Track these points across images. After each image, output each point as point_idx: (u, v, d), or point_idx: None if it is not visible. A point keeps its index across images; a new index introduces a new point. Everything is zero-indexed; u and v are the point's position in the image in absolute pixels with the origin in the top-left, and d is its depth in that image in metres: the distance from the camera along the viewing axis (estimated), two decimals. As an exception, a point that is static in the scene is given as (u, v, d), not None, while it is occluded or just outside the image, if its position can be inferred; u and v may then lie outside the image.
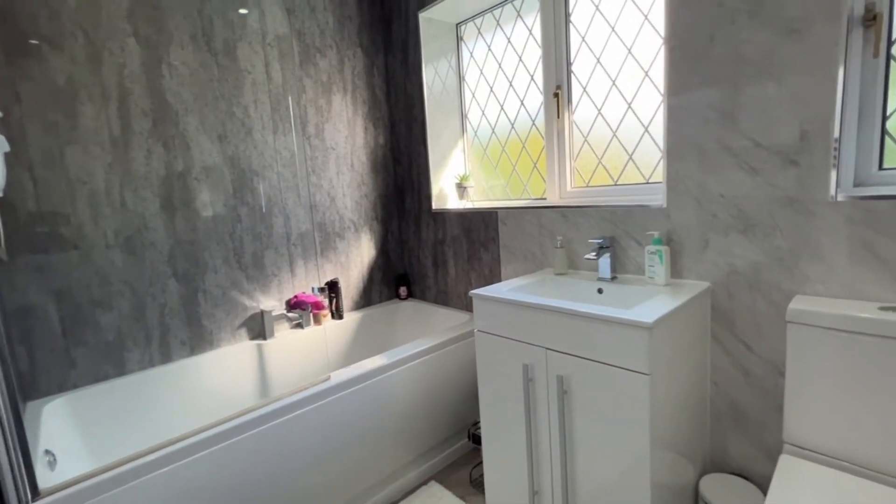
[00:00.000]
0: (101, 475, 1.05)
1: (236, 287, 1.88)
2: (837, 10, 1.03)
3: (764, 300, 1.21)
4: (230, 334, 1.88)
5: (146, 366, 1.67)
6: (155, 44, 1.63)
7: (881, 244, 1.02)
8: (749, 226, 1.22)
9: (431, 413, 1.76)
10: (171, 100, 1.68)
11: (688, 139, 1.30)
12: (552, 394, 1.24)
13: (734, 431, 1.32)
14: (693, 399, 1.27)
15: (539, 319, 1.25)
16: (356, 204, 2.29)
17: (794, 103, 1.10)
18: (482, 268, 2.03)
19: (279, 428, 1.35)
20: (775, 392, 1.22)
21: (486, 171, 2.21)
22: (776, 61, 1.12)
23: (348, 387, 1.51)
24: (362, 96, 2.28)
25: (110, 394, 1.56)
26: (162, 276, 1.68)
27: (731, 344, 1.29)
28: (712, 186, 1.27)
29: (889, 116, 1.10)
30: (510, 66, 2.00)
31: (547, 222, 1.73)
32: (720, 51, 1.20)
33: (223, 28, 1.79)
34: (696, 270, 1.34)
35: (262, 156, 1.93)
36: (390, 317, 2.37)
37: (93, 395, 1.53)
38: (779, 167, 1.15)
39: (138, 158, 1.61)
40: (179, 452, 1.16)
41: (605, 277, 1.48)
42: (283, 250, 2.02)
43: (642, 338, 1.03)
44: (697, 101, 1.26)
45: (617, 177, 1.68)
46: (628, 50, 1.58)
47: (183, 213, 1.72)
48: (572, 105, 1.77)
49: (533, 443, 1.33)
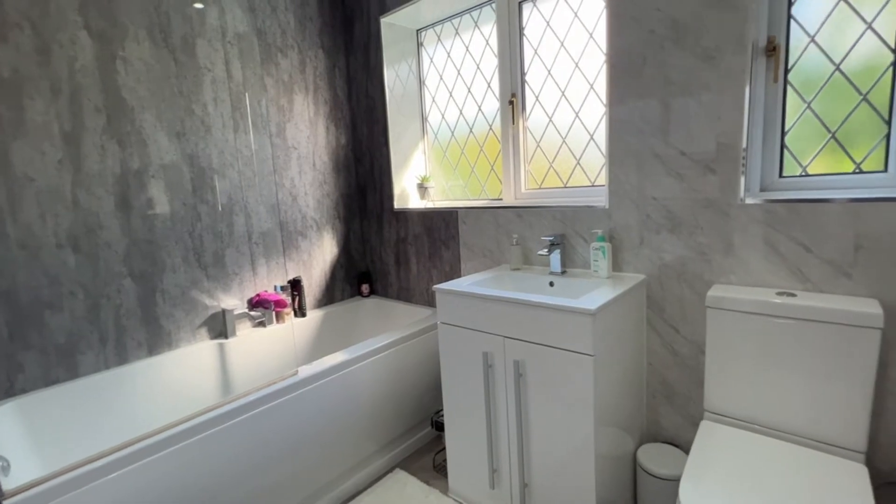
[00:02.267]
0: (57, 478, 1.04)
1: (196, 286, 1.86)
2: (744, 42, 1.21)
3: (689, 289, 1.39)
4: (190, 334, 1.85)
5: (101, 368, 1.62)
6: (109, 38, 1.59)
7: (779, 241, 1.22)
8: (676, 225, 1.39)
9: (396, 404, 1.84)
10: (127, 96, 1.64)
11: (626, 147, 1.46)
12: (509, 378, 1.36)
13: (665, 405, 1.50)
14: (632, 378, 1.43)
15: (497, 310, 1.36)
16: (318, 203, 2.31)
17: (710, 119, 1.28)
18: (443, 265, 2.13)
19: (246, 424, 1.37)
20: (698, 369, 1.41)
21: (446, 172, 2.31)
22: (696, 82, 1.29)
23: (316, 380, 1.55)
24: (324, 97, 2.31)
25: (62, 398, 1.51)
26: (117, 276, 1.64)
27: (663, 328, 1.47)
28: (647, 190, 1.44)
29: (787, 132, 1.31)
30: (469, 72, 2.11)
31: (504, 221, 1.85)
32: (651, 71, 1.37)
33: (181, 24, 1.77)
34: (634, 264, 1.50)
35: (223, 154, 1.92)
36: (353, 314, 2.41)
37: (44, 400, 1.48)
38: (700, 173, 1.33)
39: (91, 155, 1.57)
40: (140, 452, 1.15)
41: (556, 272, 1.62)
42: (244, 249, 2.01)
43: (587, 323, 1.17)
44: (634, 113, 1.42)
45: (566, 179, 1.83)
46: (576, 64, 1.73)
47: (139, 212, 1.69)
48: (526, 112, 1.90)
49: (492, 425, 1.44)
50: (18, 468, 1.25)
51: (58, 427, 1.49)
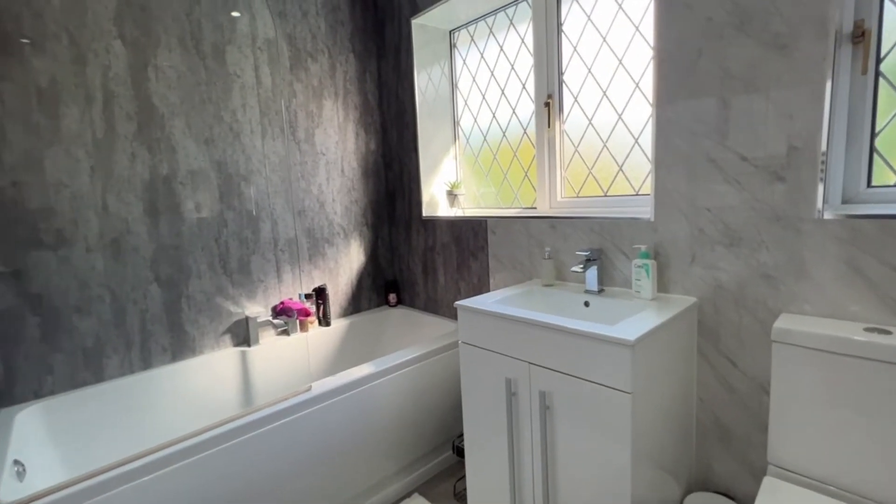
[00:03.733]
0: (69, 488, 1.02)
1: (221, 293, 1.85)
2: (825, 27, 1.02)
3: (749, 316, 1.20)
4: (214, 341, 1.85)
5: (126, 372, 1.64)
6: (142, 46, 1.61)
7: (868, 264, 1.01)
8: (735, 241, 1.20)
9: (416, 424, 1.74)
10: (157, 103, 1.66)
11: (676, 151, 1.28)
12: (535, 409, 1.22)
13: (719, 449, 1.30)
14: (678, 415, 1.25)
15: (523, 333, 1.23)
16: (346, 209, 2.27)
17: (781, 118, 1.09)
18: (471, 277, 2.01)
19: (258, 439, 1.32)
20: (760, 411, 1.20)
21: (478, 179, 2.19)
22: (763, 76, 1.11)
23: (330, 397, 1.48)
24: (354, 101, 2.27)
25: (87, 401, 1.53)
26: (144, 282, 1.66)
27: (717, 360, 1.27)
28: (699, 200, 1.26)
29: (878, 133, 1.09)
30: (502, 73, 1.99)
31: (536, 232, 1.71)
32: (707, 64, 1.19)
33: (212, 31, 1.78)
34: (683, 285, 1.32)
35: (250, 160, 1.91)
36: (378, 324, 2.34)
37: (69, 403, 1.50)
38: (765, 182, 1.13)
39: (122, 162, 1.59)
40: (153, 465, 1.13)
41: (592, 290, 1.46)
42: (269, 256, 1.99)
43: (624, 355, 1.01)
44: (685, 113, 1.25)
45: (607, 188, 1.66)
46: (619, 61, 1.57)
47: (167, 218, 1.70)
48: (563, 114, 1.75)
49: (515, 457, 1.31)
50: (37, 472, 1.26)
51: (81, 430, 1.50)
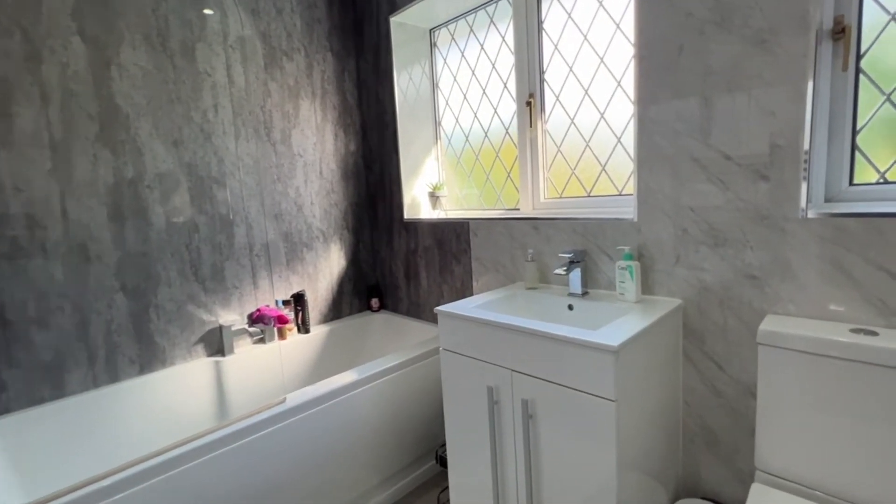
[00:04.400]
0: None
1: (193, 301, 1.77)
2: (806, 22, 1.00)
3: (735, 318, 1.17)
4: (185, 351, 1.77)
5: (89, 387, 1.55)
6: (103, 43, 1.53)
7: (853, 264, 0.99)
8: (720, 241, 1.18)
9: (398, 434, 1.68)
10: (122, 102, 1.58)
11: (658, 151, 1.26)
12: (517, 418, 1.18)
13: (707, 454, 1.27)
14: (664, 420, 1.22)
15: (504, 339, 1.18)
16: (325, 213, 2.20)
17: (763, 115, 1.07)
18: (454, 280, 1.96)
19: (231, 454, 1.25)
20: (747, 414, 1.17)
21: (460, 180, 2.15)
22: (745, 73, 1.08)
23: (306, 409, 1.41)
24: (332, 102, 2.20)
25: (47, 418, 1.44)
26: (109, 291, 1.57)
27: (702, 363, 1.24)
28: (683, 200, 1.23)
29: (859, 131, 1.07)
30: (483, 73, 1.95)
31: (518, 234, 1.67)
32: (689, 61, 1.17)
33: (180, 28, 1.70)
34: (668, 286, 1.29)
35: (223, 162, 1.83)
36: (360, 330, 2.28)
37: (27, 420, 1.41)
38: (749, 181, 1.11)
39: (83, 165, 1.51)
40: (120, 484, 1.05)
41: (575, 293, 1.43)
42: (245, 261, 1.92)
43: (608, 362, 0.97)
44: (667, 111, 1.22)
45: (590, 188, 1.63)
46: (601, 59, 1.55)
47: (133, 223, 1.62)
48: (545, 114, 1.72)
49: (499, 467, 1.26)
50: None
51: (41, 450, 1.41)
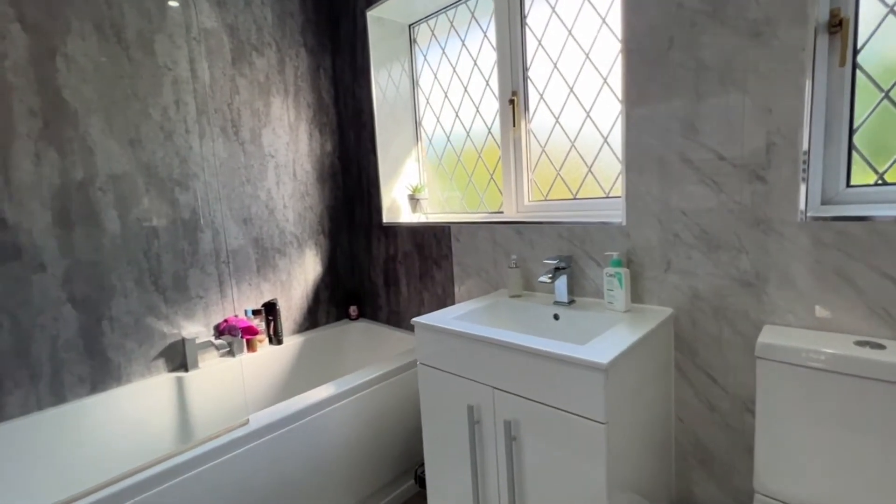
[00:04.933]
0: None
1: (152, 312, 1.64)
2: (804, 13, 0.93)
3: (730, 329, 1.10)
4: (144, 367, 1.63)
5: (31, 409, 1.41)
6: (47, 32, 1.40)
7: (856, 271, 0.92)
8: (713, 247, 1.11)
9: (375, 452, 1.57)
10: (69, 97, 1.44)
11: (647, 151, 1.18)
12: (500, 440, 1.08)
13: (700, 472, 1.20)
14: (656, 436, 1.14)
15: (486, 353, 1.09)
16: (299, 216, 2.09)
17: (759, 112, 1.00)
18: (435, 287, 1.87)
19: (192, 482, 1.13)
20: (744, 431, 1.10)
21: (442, 182, 2.06)
22: (740, 67, 1.01)
23: (273, 430, 1.30)
24: (307, 100, 2.09)
25: (-19, 446, 1.30)
26: (54, 303, 1.43)
27: (696, 376, 1.17)
28: (674, 202, 1.16)
29: (856, 130, 1.01)
30: (465, 70, 1.87)
31: (501, 239, 1.59)
32: (680, 55, 1.10)
33: (137, 18, 1.57)
34: (658, 294, 1.22)
35: (186, 163, 1.71)
36: (337, 340, 2.16)
37: (-43, 450, 1.27)
38: (744, 182, 1.04)
39: (23, 165, 1.37)
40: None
41: (562, 301, 1.34)
42: (210, 269, 1.79)
43: (597, 380, 0.89)
44: (657, 109, 1.15)
45: (576, 190, 1.56)
46: (586, 55, 1.47)
47: (83, 229, 1.48)
48: (529, 113, 1.64)
49: (480, 490, 1.17)
50: None
51: (-28, 482, 1.27)
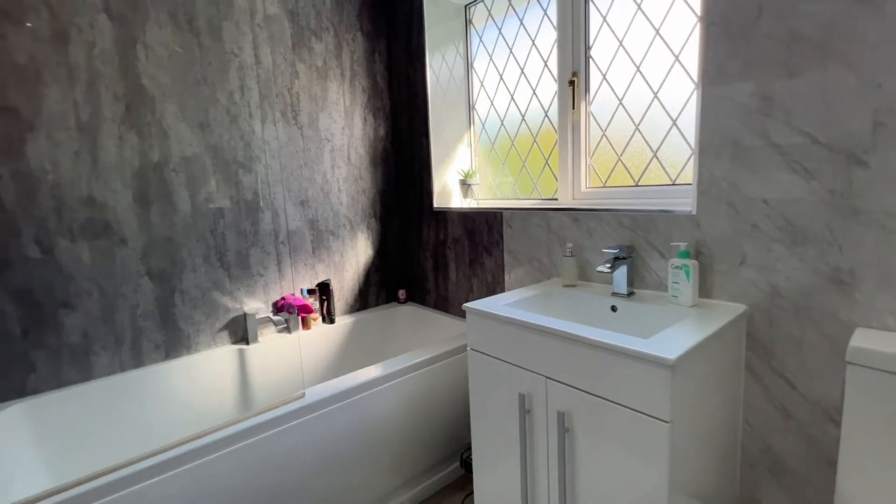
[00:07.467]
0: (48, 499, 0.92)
1: (218, 287, 1.75)
2: (930, -30, 0.81)
3: (815, 330, 1.00)
4: (210, 338, 1.75)
5: (115, 370, 1.55)
6: (129, 21, 1.50)
7: (977, 270, 0.80)
8: (799, 239, 1.00)
9: (422, 434, 1.60)
10: (147, 83, 1.54)
11: (725, 134, 1.09)
12: (552, 431, 1.06)
13: (769, 482, 1.11)
14: (721, 441, 1.07)
15: (540, 342, 1.06)
16: (353, 200, 2.13)
17: (865, 89, 0.89)
18: (485, 274, 1.85)
19: (249, 450, 1.20)
20: (824, 442, 1.01)
21: (494, 168, 2.02)
22: (843, 36, 0.90)
23: (327, 405, 1.35)
24: (361, 84, 2.11)
25: (74, 400, 1.45)
26: (134, 275, 1.56)
27: (770, 379, 1.08)
28: (753, 191, 1.06)
29: None
30: (522, 51, 1.80)
31: (556, 226, 1.53)
32: (769, 25, 0.99)
33: (206, 6, 1.64)
34: (730, 290, 1.13)
35: (249, 146, 1.78)
36: (386, 322, 2.21)
37: (54, 402, 1.42)
38: (842, 168, 0.93)
39: (109, 147, 1.49)
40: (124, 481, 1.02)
41: (620, 293, 1.28)
42: (270, 248, 1.87)
43: (663, 377, 0.84)
44: (738, 88, 1.05)
45: (639, 177, 1.47)
46: (656, 31, 1.37)
47: (159, 207, 1.59)
48: (590, 95, 1.56)
49: (529, 481, 1.15)
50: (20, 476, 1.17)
51: (67, 432, 1.42)
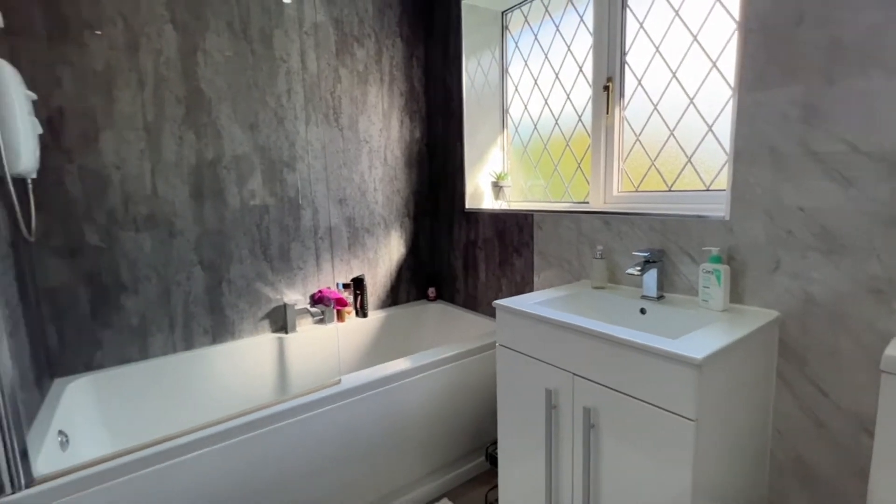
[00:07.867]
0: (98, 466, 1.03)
1: (261, 278, 1.86)
2: (981, -22, 0.80)
3: (849, 339, 0.99)
4: (252, 326, 1.86)
5: (168, 351, 1.68)
6: (192, 30, 1.63)
7: None
8: (835, 247, 1.00)
9: (449, 426, 1.65)
10: (205, 87, 1.67)
11: (762, 140, 1.09)
12: (578, 427, 1.09)
13: (798, 491, 1.10)
14: (749, 446, 1.07)
15: (567, 340, 1.10)
16: (388, 199, 2.21)
17: (908, 97, 0.88)
18: (514, 274, 1.88)
19: (285, 431, 1.29)
20: (857, 452, 1.00)
21: (526, 171, 2.05)
22: (887, 44, 0.89)
23: (360, 392, 1.43)
24: (399, 88, 2.19)
25: (133, 376, 1.59)
26: (188, 264, 1.69)
27: (802, 387, 1.07)
28: (790, 198, 1.06)
29: None
30: (557, 57, 1.83)
31: (587, 229, 1.56)
32: (810, 32, 0.99)
33: (260, 15, 1.76)
34: (763, 296, 1.13)
35: (294, 146, 1.89)
36: (416, 318, 2.28)
37: (116, 377, 1.56)
38: (883, 177, 0.92)
39: (170, 145, 1.62)
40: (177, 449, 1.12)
41: (650, 296, 1.30)
42: (309, 243, 1.98)
43: (690, 376, 0.86)
44: (777, 94, 1.05)
45: (672, 182, 1.48)
46: (694, 37, 1.38)
47: (211, 202, 1.72)
48: (624, 100, 1.58)
49: (554, 476, 1.19)
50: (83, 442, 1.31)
51: (125, 404, 1.56)
